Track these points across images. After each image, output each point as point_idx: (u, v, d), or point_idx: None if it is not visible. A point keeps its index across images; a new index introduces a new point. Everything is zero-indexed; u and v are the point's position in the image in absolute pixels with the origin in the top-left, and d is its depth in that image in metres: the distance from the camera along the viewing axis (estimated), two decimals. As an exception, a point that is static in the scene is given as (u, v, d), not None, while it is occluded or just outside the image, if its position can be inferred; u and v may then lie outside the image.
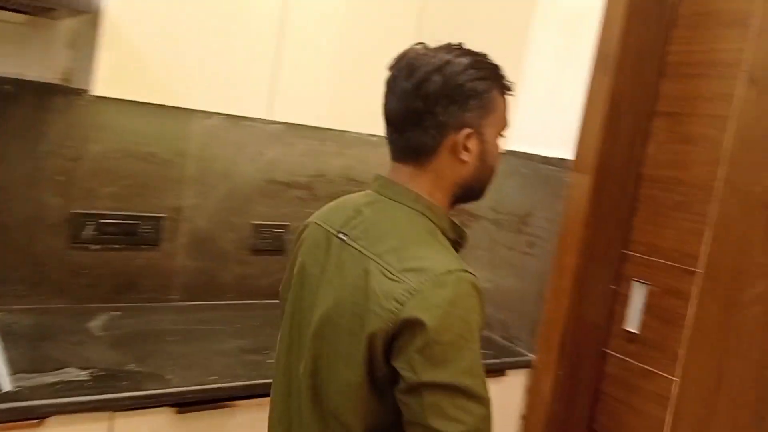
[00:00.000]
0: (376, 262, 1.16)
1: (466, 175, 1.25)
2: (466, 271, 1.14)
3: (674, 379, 2.09)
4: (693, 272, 2.05)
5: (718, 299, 2.01)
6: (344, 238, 1.24)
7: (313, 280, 1.28)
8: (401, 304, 1.10)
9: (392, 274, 1.13)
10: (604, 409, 2.28)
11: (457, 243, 1.28)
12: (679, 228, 2.10)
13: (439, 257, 1.15)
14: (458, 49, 1.23)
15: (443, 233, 1.24)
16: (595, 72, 2.16)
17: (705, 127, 2.05)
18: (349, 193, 1.40)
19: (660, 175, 2.16)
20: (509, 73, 1.29)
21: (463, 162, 1.23)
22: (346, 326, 1.17)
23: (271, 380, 1.41)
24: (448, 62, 1.19)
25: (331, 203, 1.38)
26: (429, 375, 1.07)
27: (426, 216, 1.23)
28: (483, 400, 1.10)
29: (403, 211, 1.23)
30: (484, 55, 1.25)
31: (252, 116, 1.99)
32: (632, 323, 2.20)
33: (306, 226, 1.39)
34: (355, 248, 1.21)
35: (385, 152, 1.30)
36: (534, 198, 2.37)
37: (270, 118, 2.01)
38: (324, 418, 1.22)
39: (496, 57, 1.27)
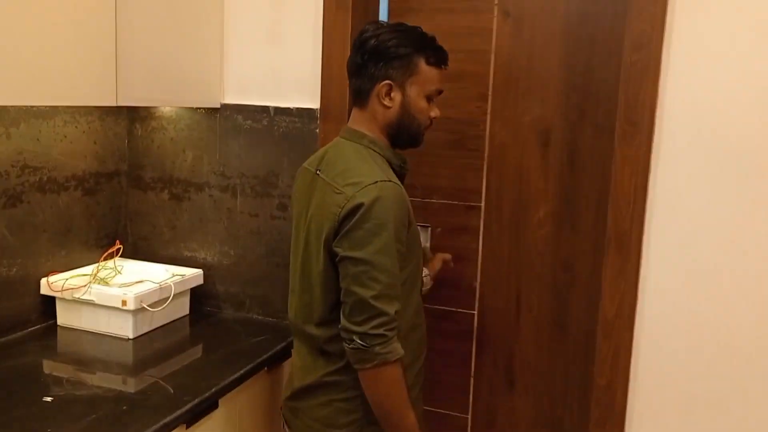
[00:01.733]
0: (329, 183, 1.57)
1: (392, 118, 1.62)
2: (390, 181, 1.52)
3: (473, 312, 2.15)
4: (477, 207, 2.10)
5: (504, 229, 2.09)
6: (318, 172, 1.63)
7: (304, 204, 1.65)
8: (341, 208, 1.50)
9: (337, 189, 1.53)
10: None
11: (402, 167, 1.67)
12: (456, 166, 2.11)
13: (371, 173, 1.52)
14: (398, 24, 1.62)
15: (389, 161, 1.62)
16: (329, 8, 2.03)
17: (470, 64, 2.05)
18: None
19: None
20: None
21: (387, 107, 1.61)
22: (315, 232, 1.58)
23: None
24: (384, 31, 1.59)
25: (316, 152, 1.74)
26: (350, 251, 1.49)
27: (371, 148, 1.61)
28: (390, 273, 1.48)
29: (353, 146, 1.62)
30: (415, 29, 1.62)
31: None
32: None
33: (299, 171, 1.75)
34: (321, 178, 1.61)
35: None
36: (276, 155, 2.18)
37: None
38: (309, 290, 1.63)
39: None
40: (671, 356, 1.80)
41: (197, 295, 2.30)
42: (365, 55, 1.58)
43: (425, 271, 1.92)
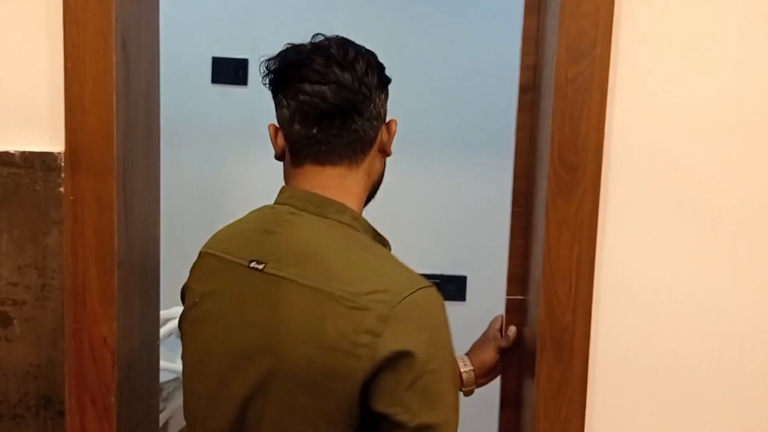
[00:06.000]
0: (327, 292, 1.01)
1: (381, 172, 1.21)
2: (432, 284, 1.06)
3: None
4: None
5: None
6: (260, 267, 1.07)
7: (218, 328, 1.09)
8: (377, 336, 0.97)
9: (354, 303, 0.99)
10: None
11: None
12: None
13: (397, 272, 1.06)
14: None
15: None
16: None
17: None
18: None
19: None
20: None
21: (387, 155, 1.21)
22: (307, 379, 1.00)
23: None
24: (365, 51, 1.15)
25: (223, 229, 1.19)
26: (426, 416, 0.97)
27: (354, 228, 1.11)
28: None
29: (330, 226, 1.10)
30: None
31: None
32: None
33: (199, 257, 1.17)
34: (286, 279, 1.04)
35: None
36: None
37: None
38: None
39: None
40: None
41: None
42: (369, 87, 1.11)
43: (465, 362, 1.34)
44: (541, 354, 1.20)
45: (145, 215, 1.40)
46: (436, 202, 2.15)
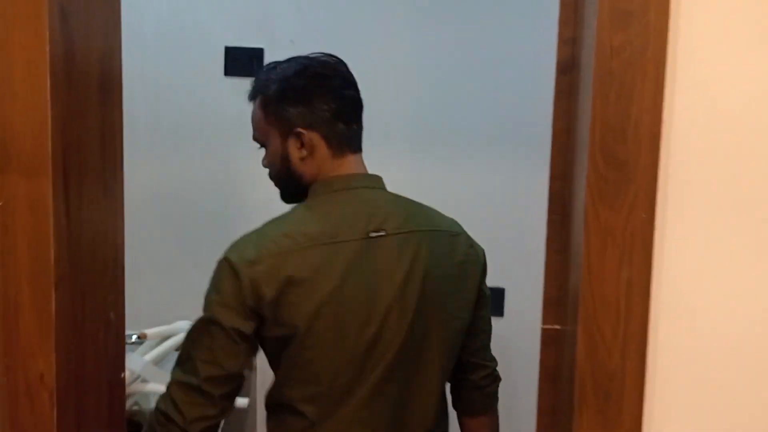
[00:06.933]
0: (438, 230, 1.44)
1: None
2: None
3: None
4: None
5: None
6: (382, 233, 1.35)
7: (379, 278, 1.34)
8: (473, 247, 1.49)
9: (451, 232, 1.46)
10: None
11: None
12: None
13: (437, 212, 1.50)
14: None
15: None
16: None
17: None
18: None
19: None
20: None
21: None
22: (448, 291, 1.42)
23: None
24: None
25: (298, 228, 1.35)
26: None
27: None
28: None
29: (389, 193, 1.45)
30: None
31: None
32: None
33: (298, 253, 1.32)
34: (411, 231, 1.38)
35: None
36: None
37: None
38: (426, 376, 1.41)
39: None
40: None
41: None
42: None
43: None
44: (580, 407, 0.93)
45: (99, 223, 1.17)
46: (469, 204, 1.88)
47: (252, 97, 1.46)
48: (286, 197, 1.49)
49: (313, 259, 1.31)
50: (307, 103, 1.37)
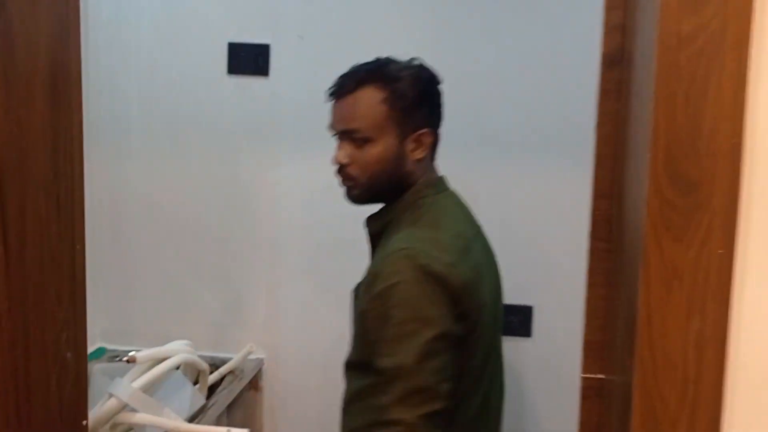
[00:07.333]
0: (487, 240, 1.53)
1: None
2: None
3: None
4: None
5: None
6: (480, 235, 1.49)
7: (494, 280, 1.48)
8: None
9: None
10: None
11: None
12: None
13: None
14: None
15: None
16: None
17: None
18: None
19: None
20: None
21: None
22: (500, 296, 1.51)
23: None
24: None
25: (444, 232, 1.38)
26: None
27: None
28: None
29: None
30: None
31: None
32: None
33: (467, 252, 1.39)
34: (486, 238, 1.51)
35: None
36: None
37: None
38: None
39: None
40: None
41: None
42: None
43: None
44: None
45: (49, 248, 0.99)
46: (495, 215, 1.68)
47: (358, 85, 1.38)
48: (367, 197, 1.43)
49: (477, 257, 1.39)
50: (436, 107, 1.44)
